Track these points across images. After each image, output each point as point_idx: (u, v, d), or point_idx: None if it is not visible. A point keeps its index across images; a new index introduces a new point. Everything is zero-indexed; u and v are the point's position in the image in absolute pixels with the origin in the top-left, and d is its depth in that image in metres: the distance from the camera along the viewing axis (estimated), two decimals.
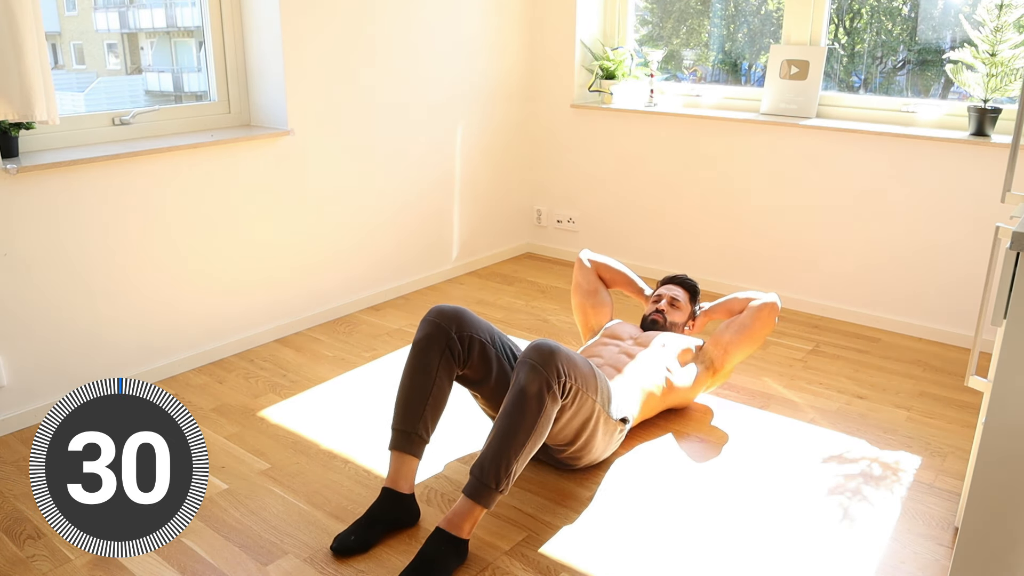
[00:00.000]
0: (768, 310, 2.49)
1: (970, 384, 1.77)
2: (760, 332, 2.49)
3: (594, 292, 2.76)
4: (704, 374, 2.52)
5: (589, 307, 2.75)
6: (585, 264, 2.79)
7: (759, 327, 2.49)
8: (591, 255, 2.81)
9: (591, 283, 2.77)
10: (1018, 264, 1.36)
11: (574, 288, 2.79)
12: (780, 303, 2.52)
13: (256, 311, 3.10)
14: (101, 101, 3.00)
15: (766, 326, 2.49)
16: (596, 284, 2.77)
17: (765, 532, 2.02)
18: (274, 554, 1.93)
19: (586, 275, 2.78)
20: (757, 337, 2.50)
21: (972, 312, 3.08)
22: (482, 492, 1.85)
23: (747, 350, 2.52)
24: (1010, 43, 2.90)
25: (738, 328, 2.51)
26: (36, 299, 2.46)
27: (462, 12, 3.65)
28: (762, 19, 3.76)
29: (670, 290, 2.72)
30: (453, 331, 2.08)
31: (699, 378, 2.51)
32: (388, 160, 3.48)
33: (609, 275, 2.80)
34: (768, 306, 2.50)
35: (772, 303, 2.50)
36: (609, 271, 2.80)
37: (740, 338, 2.50)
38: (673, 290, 2.71)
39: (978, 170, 2.99)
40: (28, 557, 1.92)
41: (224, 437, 2.45)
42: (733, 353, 2.51)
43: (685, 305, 2.69)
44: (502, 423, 1.87)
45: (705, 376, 2.52)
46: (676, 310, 2.67)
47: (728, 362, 2.52)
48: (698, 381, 2.51)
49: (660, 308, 2.66)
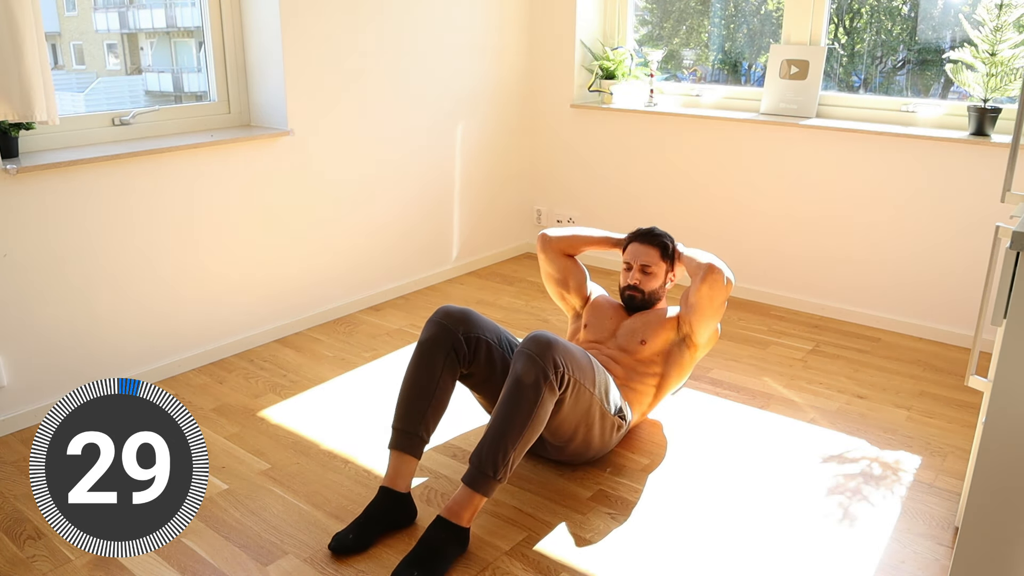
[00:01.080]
0: (708, 284, 2.28)
1: (970, 384, 1.77)
2: (714, 303, 2.31)
3: (565, 277, 2.60)
4: (687, 353, 2.41)
5: (564, 292, 2.62)
6: (547, 250, 2.59)
7: (708, 302, 2.31)
8: (550, 235, 2.58)
9: (560, 269, 2.59)
10: (1018, 264, 1.36)
11: (545, 278, 2.65)
12: (719, 263, 2.30)
13: (256, 311, 3.09)
14: (101, 101, 3.00)
15: (716, 296, 2.29)
16: (565, 268, 2.59)
17: (765, 532, 2.02)
18: (274, 554, 1.93)
19: (552, 262, 2.59)
20: (714, 308, 2.32)
21: (972, 312, 3.08)
22: (480, 480, 1.86)
23: (712, 320, 2.36)
24: (1010, 43, 2.89)
25: (690, 309, 2.34)
26: (36, 299, 2.46)
27: (462, 12, 3.65)
28: (762, 19, 3.76)
29: (639, 255, 2.46)
30: (460, 332, 2.07)
31: (684, 359, 2.42)
32: (388, 160, 3.48)
33: (573, 247, 2.59)
34: (705, 282, 2.28)
35: (708, 276, 2.28)
36: (571, 243, 2.57)
37: (697, 317, 2.34)
38: (641, 254, 2.46)
39: (978, 170, 2.99)
40: (28, 557, 1.92)
41: (224, 437, 2.45)
42: (699, 329, 2.36)
43: (658, 264, 2.45)
44: (500, 413, 1.88)
45: (688, 355, 2.41)
46: (650, 276, 2.45)
47: (700, 336, 2.38)
48: (684, 362, 2.42)
49: (632, 283, 2.46)
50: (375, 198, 3.47)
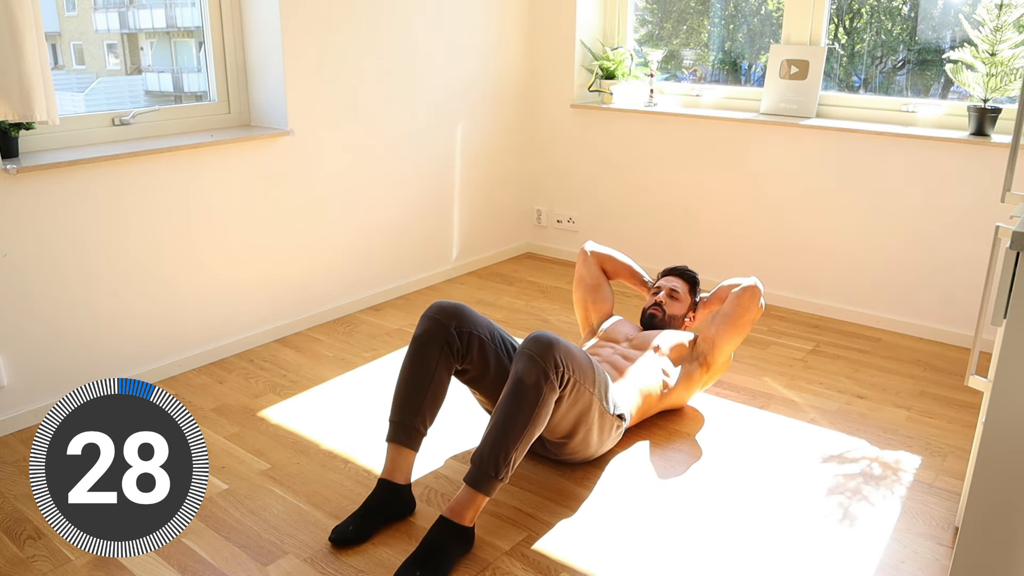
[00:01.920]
0: (748, 295, 2.43)
1: (970, 384, 1.77)
2: (744, 319, 2.44)
3: (596, 287, 2.73)
4: (698, 371, 2.50)
5: (590, 302, 2.74)
6: (588, 257, 2.76)
7: (741, 314, 2.43)
8: (595, 247, 2.79)
9: (594, 277, 2.74)
10: (1018, 264, 1.36)
11: (576, 282, 2.77)
12: (761, 285, 2.46)
13: (256, 311, 3.10)
14: (101, 101, 3.00)
15: (749, 311, 2.43)
16: (599, 279, 2.75)
17: (765, 532, 2.02)
18: (274, 554, 1.93)
19: (589, 268, 2.75)
20: (742, 325, 2.44)
21: (972, 312, 3.08)
22: (482, 480, 1.87)
23: (735, 339, 2.47)
24: (1010, 43, 2.89)
25: (722, 319, 2.46)
26: (36, 299, 2.46)
27: (462, 12, 3.65)
28: (762, 19, 3.76)
29: (669, 282, 2.68)
30: (452, 327, 2.09)
31: (694, 376, 2.50)
32: (388, 160, 3.48)
33: (612, 266, 2.77)
34: (747, 291, 2.44)
35: (750, 287, 2.45)
36: (612, 262, 2.78)
37: (725, 329, 2.45)
38: (672, 282, 2.68)
39: (978, 170, 2.99)
40: (28, 557, 1.92)
41: (224, 437, 2.45)
42: (721, 345, 2.46)
43: (685, 297, 2.66)
44: (501, 412, 1.89)
45: (700, 373, 2.50)
46: (675, 302, 2.64)
47: (719, 355, 2.48)
48: (693, 379, 2.50)
49: (658, 301, 2.63)
50: (375, 198, 3.47)
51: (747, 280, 2.49)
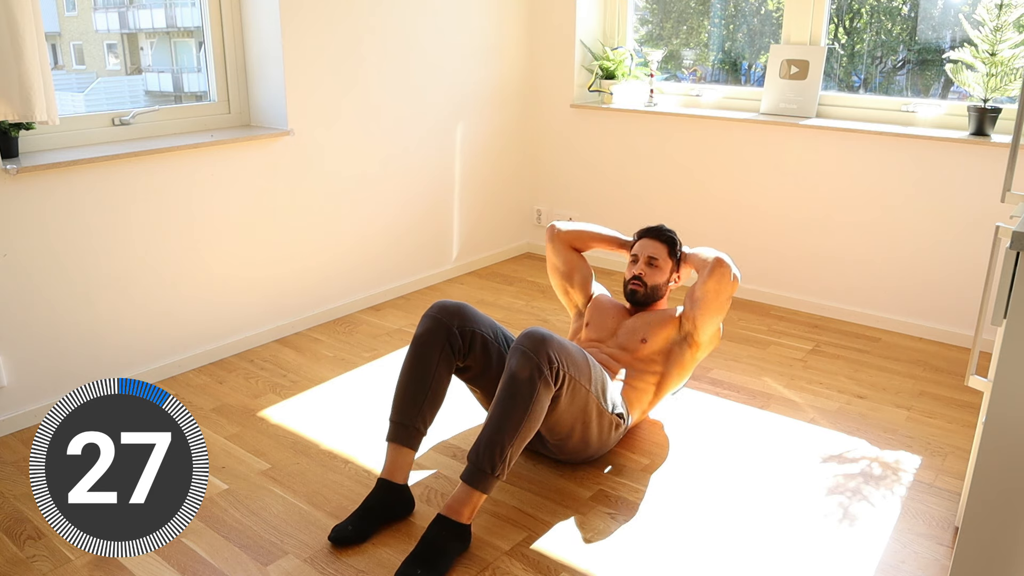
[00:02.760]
0: (716, 277, 2.31)
1: (970, 384, 1.77)
2: (719, 299, 2.34)
3: (571, 271, 2.62)
4: (688, 352, 2.42)
5: (568, 287, 2.64)
6: (555, 241, 2.62)
7: (714, 296, 2.33)
8: (559, 228, 2.62)
9: (566, 262, 2.62)
10: (1018, 264, 1.36)
11: (550, 270, 2.67)
12: (727, 259, 2.33)
13: (256, 311, 3.10)
14: (101, 101, 3.00)
15: (722, 291, 2.32)
16: (571, 261, 2.62)
17: (765, 532, 2.02)
18: (274, 554, 1.93)
19: (560, 254, 2.62)
20: (719, 304, 2.35)
21: (972, 312, 3.08)
22: (479, 477, 1.87)
23: (716, 318, 2.38)
24: (1010, 43, 2.89)
25: (697, 303, 2.36)
26: (36, 299, 2.46)
27: (462, 12, 3.65)
28: (762, 19, 3.76)
29: (645, 248, 2.49)
30: (455, 326, 2.09)
31: (686, 358, 2.42)
32: (388, 160, 3.48)
33: (581, 242, 2.63)
34: (714, 273, 2.31)
35: (716, 269, 2.31)
36: (580, 237, 2.61)
37: (702, 312, 2.35)
38: (648, 247, 2.49)
39: (978, 170, 2.99)
40: (28, 557, 1.92)
41: (224, 437, 2.45)
42: (703, 326, 2.38)
43: (664, 260, 2.48)
44: (496, 409, 1.89)
45: (690, 354, 2.42)
46: (655, 269, 2.47)
47: (703, 334, 2.39)
48: (686, 360, 2.43)
49: (637, 274, 2.48)
50: (375, 198, 3.47)
51: (710, 256, 2.36)
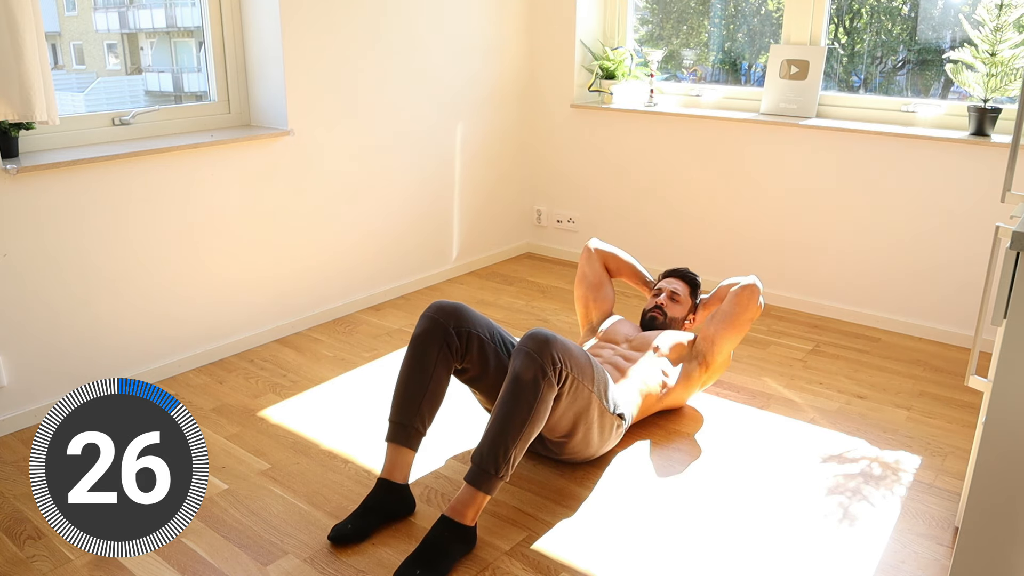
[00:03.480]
0: (746, 294, 2.44)
1: (970, 384, 1.77)
2: (742, 318, 2.44)
3: (598, 285, 2.74)
4: (697, 371, 2.50)
5: (591, 300, 2.74)
6: (592, 254, 2.77)
7: (740, 313, 2.43)
8: (599, 244, 2.79)
9: (596, 275, 2.75)
10: (1018, 264, 1.37)
11: (579, 279, 2.77)
12: (760, 284, 2.46)
13: (256, 311, 3.10)
14: (101, 101, 3.00)
15: (747, 310, 2.43)
16: (601, 277, 2.76)
17: (765, 532, 2.02)
18: (274, 554, 1.93)
19: (592, 266, 2.76)
20: (741, 324, 2.45)
21: (972, 312, 3.08)
22: (482, 478, 1.87)
23: (734, 338, 2.47)
24: (1010, 43, 2.89)
25: (720, 318, 2.47)
26: (36, 299, 2.46)
27: (462, 12, 3.65)
28: (762, 19, 3.76)
29: (670, 284, 2.69)
30: (451, 326, 2.09)
31: (693, 376, 2.49)
32: (388, 160, 3.48)
33: (615, 265, 2.78)
34: (746, 290, 2.44)
35: (749, 285, 2.45)
36: (616, 261, 2.78)
37: (723, 328, 2.45)
38: (673, 284, 2.69)
39: (978, 170, 2.99)
40: (28, 557, 1.92)
41: (224, 437, 2.45)
42: (720, 345, 2.46)
43: (685, 299, 2.67)
44: (499, 410, 1.89)
45: (699, 372, 2.50)
46: (676, 304, 2.65)
47: (718, 354, 2.48)
48: (693, 379, 2.50)
49: (659, 303, 2.64)
50: (375, 198, 3.47)
51: (746, 279, 2.49)
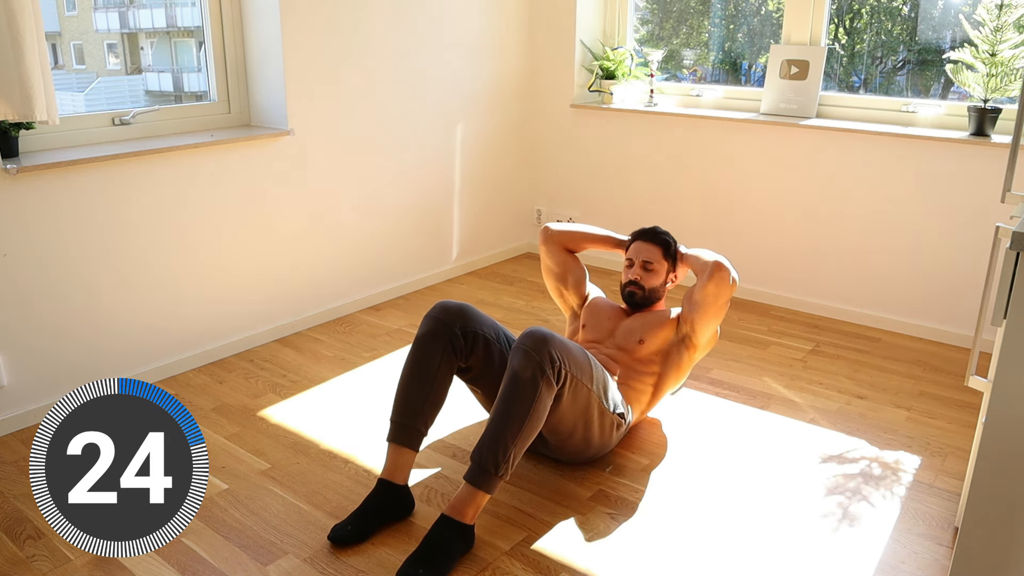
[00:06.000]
0: (713, 283, 2.29)
1: (970, 384, 1.77)
2: (716, 304, 2.32)
3: (564, 273, 2.61)
4: (686, 354, 2.41)
5: (563, 288, 2.63)
6: (548, 242, 2.61)
7: (711, 301, 2.31)
8: (554, 228, 2.60)
9: (560, 264, 2.60)
10: (1018, 264, 1.36)
11: (544, 272, 2.66)
12: (726, 262, 2.30)
13: (256, 311, 3.09)
14: (101, 101, 3.00)
15: (720, 296, 2.31)
16: (565, 264, 2.61)
17: (765, 532, 2.02)
18: (274, 554, 1.93)
19: (553, 255, 2.60)
20: (718, 307, 2.34)
21: (972, 312, 3.08)
22: (482, 477, 1.87)
23: (714, 321, 2.37)
24: (1010, 43, 2.89)
25: (696, 306, 2.35)
26: (36, 299, 2.46)
27: (462, 12, 3.65)
28: (762, 19, 3.76)
29: (640, 252, 2.47)
30: (457, 327, 2.08)
31: (683, 359, 2.42)
32: (388, 160, 3.48)
33: (575, 243, 2.61)
34: (712, 279, 2.29)
35: (713, 274, 2.29)
36: (573, 239, 2.60)
37: (700, 315, 2.34)
38: (643, 250, 2.47)
39: (978, 170, 2.99)
40: (28, 557, 1.92)
41: (224, 437, 2.45)
42: (702, 330, 2.37)
43: (660, 263, 2.46)
44: (499, 409, 1.89)
45: (688, 355, 2.42)
46: (651, 273, 2.45)
47: (701, 336, 2.39)
48: (683, 362, 2.42)
49: (633, 278, 2.47)
50: (375, 198, 3.47)
51: (709, 259, 2.33)
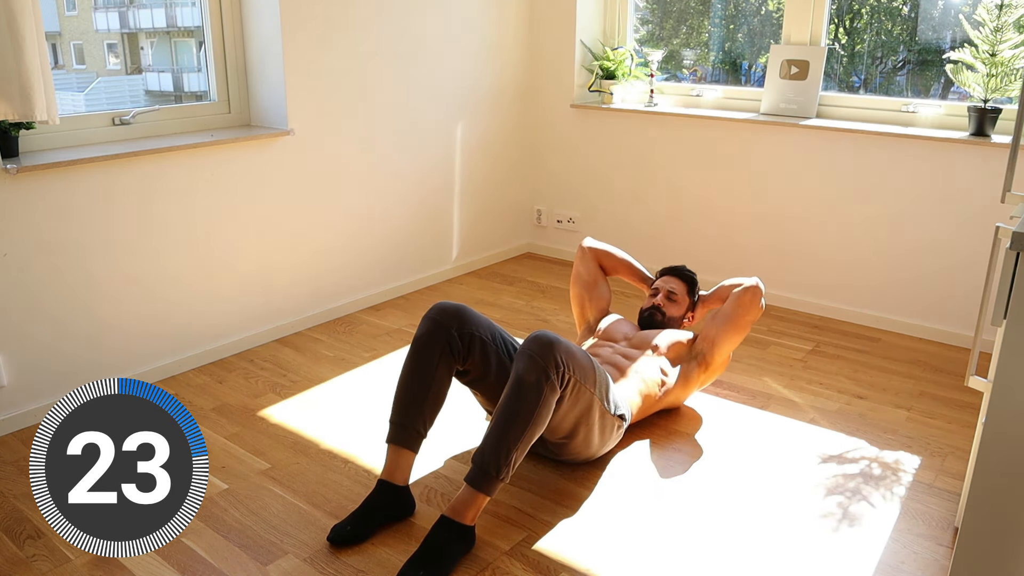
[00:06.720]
0: (749, 296, 2.43)
1: (970, 384, 1.77)
2: (744, 319, 2.44)
3: (593, 284, 2.73)
4: (697, 370, 2.49)
5: (587, 299, 2.72)
6: (586, 253, 2.75)
7: (742, 314, 2.43)
8: (593, 243, 2.78)
9: (591, 273, 2.73)
10: (1018, 264, 1.37)
11: (573, 278, 2.77)
12: (763, 286, 2.46)
13: (256, 311, 3.09)
14: (101, 101, 3.00)
15: (749, 312, 2.43)
16: (596, 275, 2.74)
17: (765, 532, 2.02)
18: (274, 554, 1.93)
19: (587, 265, 2.74)
20: (742, 325, 2.45)
21: (972, 312, 3.08)
22: (483, 480, 1.87)
23: (734, 339, 2.47)
24: (1010, 43, 2.89)
25: (722, 319, 2.46)
26: (36, 299, 2.46)
27: (462, 12, 3.65)
28: (762, 19, 3.76)
29: (667, 283, 2.67)
30: (454, 328, 2.09)
31: (692, 376, 2.49)
32: (388, 160, 3.48)
33: (610, 263, 2.76)
34: (748, 291, 2.44)
35: (752, 287, 2.44)
36: (610, 259, 2.76)
37: (724, 329, 2.45)
38: (670, 283, 2.67)
39: (978, 170, 2.99)
40: (28, 557, 1.92)
41: (224, 437, 2.45)
42: (720, 345, 2.46)
43: (683, 298, 2.65)
44: (502, 412, 1.89)
45: (698, 372, 2.50)
46: (673, 304, 2.63)
47: (718, 355, 2.48)
48: (691, 379, 2.50)
49: (656, 304, 2.63)
50: (375, 198, 3.47)
51: (748, 280, 2.49)
